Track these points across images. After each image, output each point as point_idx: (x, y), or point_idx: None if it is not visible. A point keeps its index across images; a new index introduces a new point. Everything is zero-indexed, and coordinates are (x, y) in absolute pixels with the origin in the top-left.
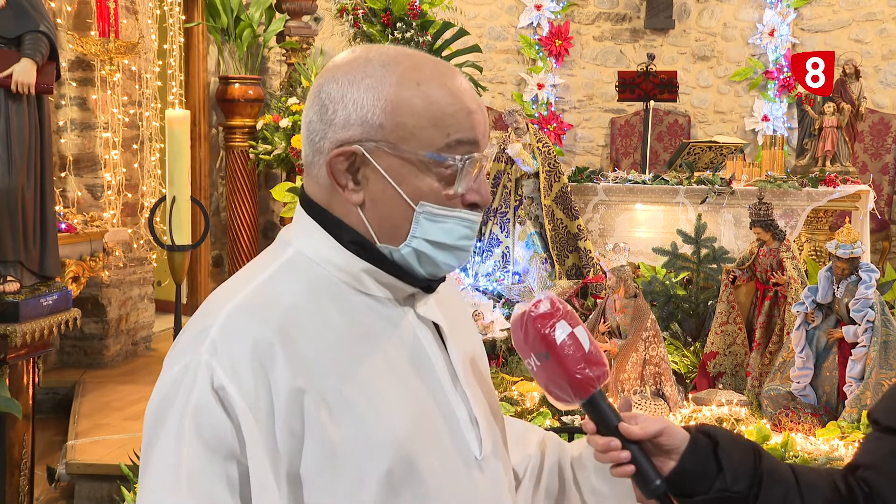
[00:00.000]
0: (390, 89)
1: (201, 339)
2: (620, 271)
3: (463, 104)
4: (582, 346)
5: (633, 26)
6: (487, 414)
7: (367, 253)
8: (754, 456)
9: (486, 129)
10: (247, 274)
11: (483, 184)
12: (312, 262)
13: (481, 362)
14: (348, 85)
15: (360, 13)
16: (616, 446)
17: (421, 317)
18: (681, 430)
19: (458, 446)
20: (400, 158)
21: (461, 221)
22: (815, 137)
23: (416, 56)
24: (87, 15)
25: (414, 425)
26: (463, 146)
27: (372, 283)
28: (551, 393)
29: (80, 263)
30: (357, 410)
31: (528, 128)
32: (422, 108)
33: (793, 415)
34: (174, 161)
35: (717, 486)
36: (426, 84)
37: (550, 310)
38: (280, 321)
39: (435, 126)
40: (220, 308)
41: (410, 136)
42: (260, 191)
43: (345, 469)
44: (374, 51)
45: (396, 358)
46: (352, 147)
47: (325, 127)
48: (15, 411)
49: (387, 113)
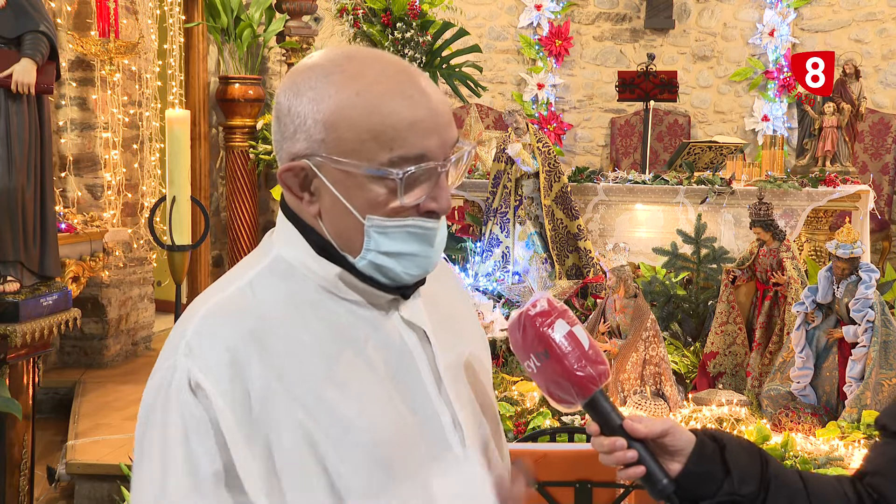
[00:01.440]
0: (329, 101)
1: (179, 341)
2: (620, 271)
3: (410, 111)
4: (581, 345)
5: (633, 26)
6: (478, 416)
7: (335, 259)
8: (761, 460)
9: (442, 137)
10: (229, 278)
11: (441, 190)
12: (292, 266)
13: (477, 362)
14: (293, 97)
15: (360, 13)
16: (621, 446)
17: (406, 320)
18: (686, 431)
19: (437, 449)
20: (344, 172)
21: (414, 229)
22: (815, 137)
23: (363, 60)
24: (87, 15)
25: (391, 427)
26: (408, 161)
27: (347, 289)
28: (552, 395)
29: (80, 263)
30: (334, 411)
31: (528, 128)
32: (361, 121)
33: (793, 415)
34: (174, 161)
35: (725, 490)
36: (367, 93)
37: (548, 308)
38: (255, 324)
39: (375, 140)
40: (197, 311)
41: (351, 150)
42: (260, 191)
43: (319, 469)
44: (323, 56)
45: (377, 361)
46: (300, 162)
47: (280, 139)
48: (15, 411)
49: (327, 127)
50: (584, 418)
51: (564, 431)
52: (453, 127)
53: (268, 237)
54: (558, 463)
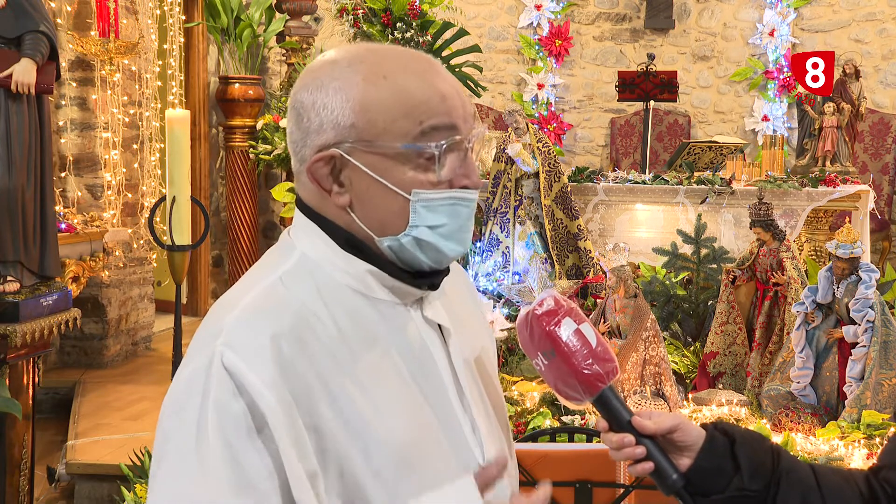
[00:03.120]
0: (357, 88)
1: (216, 334)
2: (620, 271)
3: (434, 89)
4: (589, 342)
5: (633, 26)
6: (491, 417)
7: (364, 255)
8: (773, 455)
9: (465, 112)
10: (255, 275)
11: (471, 165)
12: (317, 265)
13: (488, 361)
14: (317, 90)
15: (360, 13)
16: (630, 442)
17: (428, 319)
18: (696, 427)
19: (458, 452)
20: (378, 154)
21: (459, 201)
22: (815, 137)
23: (383, 50)
24: (87, 15)
25: (414, 430)
26: (439, 132)
27: (376, 286)
28: (561, 392)
29: (80, 263)
30: (360, 411)
31: (528, 128)
32: (390, 100)
33: (793, 415)
34: (174, 161)
35: (735, 485)
36: (393, 76)
37: (555, 307)
38: (292, 319)
39: (406, 116)
40: (234, 305)
41: (383, 131)
42: (260, 191)
43: (343, 468)
44: (342, 52)
45: (401, 362)
46: (329, 151)
47: (302, 135)
48: (15, 411)
49: (356, 112)
50: (584, 419)
51: (564, 431)
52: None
53: (286, 236)
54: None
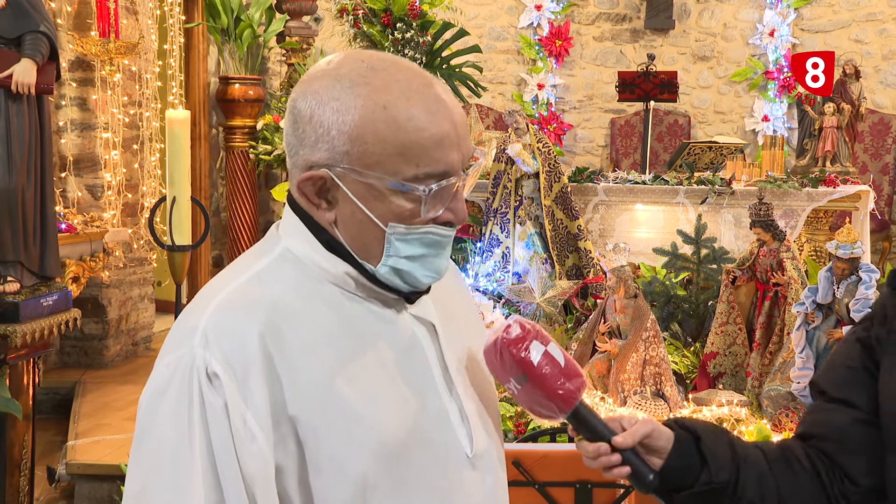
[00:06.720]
0: (356, 114)
1: (192, 331)
2: (620, 271)
3: (436, 128)
4: (558, 363)
5: (633, 26)
6: (481, 411)
7: (346, 258)
8: (730, 445)
9: (462, 150)
10: (237, 268)
11: (459, 202)
12: (300, 260)
13: (481, 357)
14: (316, 106)
15: (360, 13)
16: (606, 451)
17: (416, 315)
18: (666, 429)
19: (447, 444)
20: (366, 184)
21: (433, 236)
22: (815, 138)
23: (388, 71)
24: (87, 15)
25: (402, 422)
26: (431, 178)
27: (356, 287)
28: (536, 413)
29: (81, 264)
30: (345, 405)
31: (529, 128)
32: (387, 134)
33: (793, 415)
34: (174, 161)
35: (703, 480)
36: (394, 107)
37: (522, 333)
38: (268, 315)
39: (402, 155)
40: (209, 302)
41: (376, 163)
42: (260, 191)
43: (328, 463)
44: (346, 66)
45: (388, 356)
46: (320, 171)
47: (296, 142)
48: (15, 411)
49: (352, 139)
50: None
51: (564, 431)
52: (469, 138)
53: (274, 230)
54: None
